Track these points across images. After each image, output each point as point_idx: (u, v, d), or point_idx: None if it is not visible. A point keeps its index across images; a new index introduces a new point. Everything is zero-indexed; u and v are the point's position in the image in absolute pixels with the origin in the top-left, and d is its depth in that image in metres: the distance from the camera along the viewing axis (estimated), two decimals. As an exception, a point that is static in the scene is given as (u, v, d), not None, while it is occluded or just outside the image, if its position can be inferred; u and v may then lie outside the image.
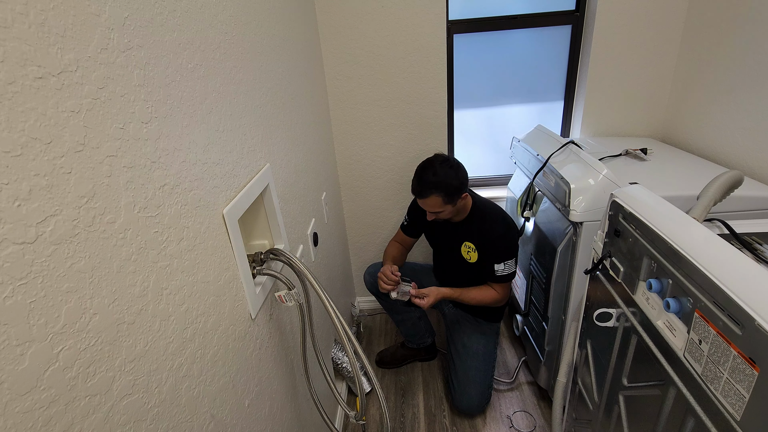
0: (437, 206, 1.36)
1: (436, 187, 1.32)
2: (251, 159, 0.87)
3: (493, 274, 1.47)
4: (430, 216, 1.43)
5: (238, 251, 0.77)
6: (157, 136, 0.55)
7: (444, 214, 1.41)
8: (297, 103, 1.27)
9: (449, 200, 1.35)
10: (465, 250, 1.53)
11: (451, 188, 1.33)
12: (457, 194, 1.36)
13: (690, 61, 1.65)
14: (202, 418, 0.64)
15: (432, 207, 1.37)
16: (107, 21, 0.47)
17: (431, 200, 1.34)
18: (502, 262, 1.45)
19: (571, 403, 1.25)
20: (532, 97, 1.94)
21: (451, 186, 1.33)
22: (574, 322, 1.21)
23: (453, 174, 1.34)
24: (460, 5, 1.76)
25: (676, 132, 1.76)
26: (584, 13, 1.75)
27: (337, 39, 1.70)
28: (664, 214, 0.80)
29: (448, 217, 1.44)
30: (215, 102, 0.72)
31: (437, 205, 1.35)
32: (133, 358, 0.49)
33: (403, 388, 1.81)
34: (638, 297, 0.85)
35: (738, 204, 1.15)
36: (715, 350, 0.63)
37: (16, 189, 0.35)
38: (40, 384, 0.37)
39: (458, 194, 1.37)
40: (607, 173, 1.23)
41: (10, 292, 0.35)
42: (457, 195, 1.36)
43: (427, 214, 1.43)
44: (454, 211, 1.43)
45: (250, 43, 0.90)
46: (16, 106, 0.36)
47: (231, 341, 0.74)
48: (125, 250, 0.48)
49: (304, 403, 1.14)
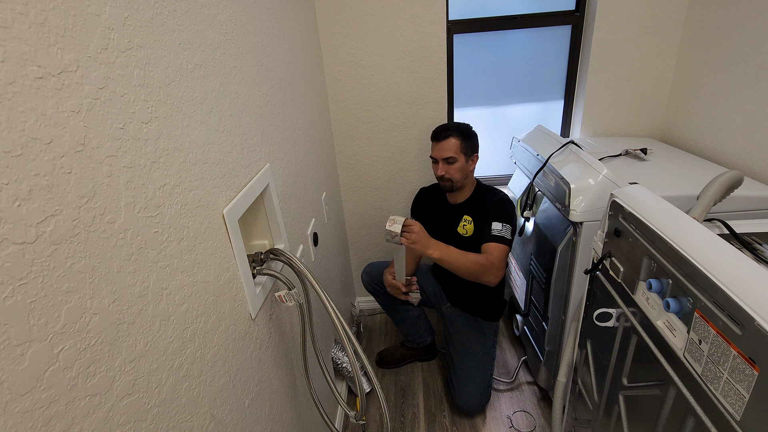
0: (454, 149, 1.46)
1: (456, 130, 1.47)
2: (251, 159, 0.87)
3: (489, 233, 1.41)
4: (442, 169, 1.49)
5: (238, 251, 0.77)
6: (157, 136, 0.55)
7: (456, 167, 1.47)
8: (297, 103, 1.27)
9: (465, 146, 1.47)
10: (461, 225, 1.55)
11: (469, 136, 1.49)
12: (471, 147, 1.50)
13: (690, 61, 1.65)
14: (202, 418, 0.64)
15: (449, 150, 1.46)
16: (107, 21, 0.47)
17: (450, 142, 1.46)
18: (500, 222, 1.42)
19: (571, 403, 1.25)
20: (532, 97, 1.94)
21: (468, 134, 1.49)
22: (574, 322, 1.21)
23: (471, 129, 1.52)
24: (460, 5, 1.76)
25: (676, 132, 1.76)
26: (584, 13, 1.75)
27: (337, 39, 1.70)
28: (664, 214, 0.80)
29: (456, 177, 1.49)
30: (215, 102, 0.72)
31: (454, 148, 1.46)
32: (133, 358, 0.49)
33: (403, 388, 1.81)
34: (638, 297, 0.85)
35: (738, 204, 1.15)
36: (715, 350, 0.63)
37: (16, 189, 0.35)
38: (40, 384, 0.37)
39: (472, 148, 1.50)
40: (607, 173, 1.23)
41: (10, 292, 0.35)
42: (471, 147, 1.49)
43: (440, 166, 1.49)
44: (463, 172, 1.49)
45: (250, 43, 0.90)
46: (17, 106, 0.36)
47: (231, 341, 0.74)
48: (125, 250, 0.48)
49: (304, 403, 1.14)
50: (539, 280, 1.54)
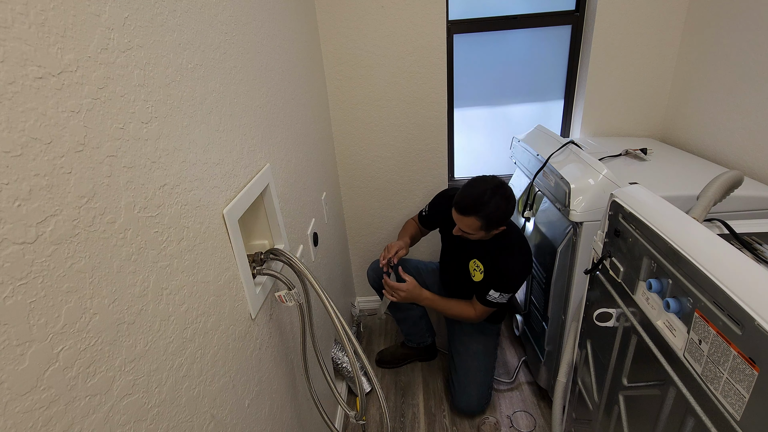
0: (472, 228, 1.29)
1: (480, 212, 1.25)
2: (251, 159, 0.87)
3: (484, 297, 1.42)
4: (457, 231, 1.36)
5: (238, 251, 0.77)
6: (157, 136, 0.55)
7: (473, 237, 1.35)
8: (297, 103, 1.27)
9: (486, 228, 1.29)
10: (472, 266, 1.49)
11: (495, 219, 1.26)
12: (497, 226, 1.30)
13: (690, 61, 1.65)
14: (202, 418, 0.64)
15: (466, 227, 1.30)
16: (107, 21, 0.47)
17: (469, 220, 1.27)
18: (500, 292, 1.40)
19: (571, 403, 1.25)
20: (532, 96, 1.94)
21: (495, 217, 1.26)
22: (574, 322, 1.21)
23: (504, 205, 1.26)
24: (460, 5, 1.76)
25: (676, 132, 1.76)
26: (584, 13, 1.75)
27: (337, 39, 1.70)
28: (664, 214, 0.80)
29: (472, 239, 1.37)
30: (215, 102, 0.72)
31: (472, 227, 1.28)
32: (134, 358, 0.49)
33: (403, 388, 1.81)
34: (638, 297, 0.85)
35: (738, 204, 1.15)
36: (714, 350, 0.63)
37: (16, 189, 0.35)
38: (40, 384, 0.37)
39: (498, 226, 1.31)
40: (607, 173, 1.23)
41: (10, 292, 0.35)
42: (496, 226, 1.30)
43: (455, 228, 1.36)
44: (481, 237, 1.36)
45: (250, 43, 0.90)
46: (17, 106, 0.36)
47: (231, 341, 0.74)
48: (125, 250, 0.48)
49: (304, 403, 1.14)
50: (539, 280, 1.54)
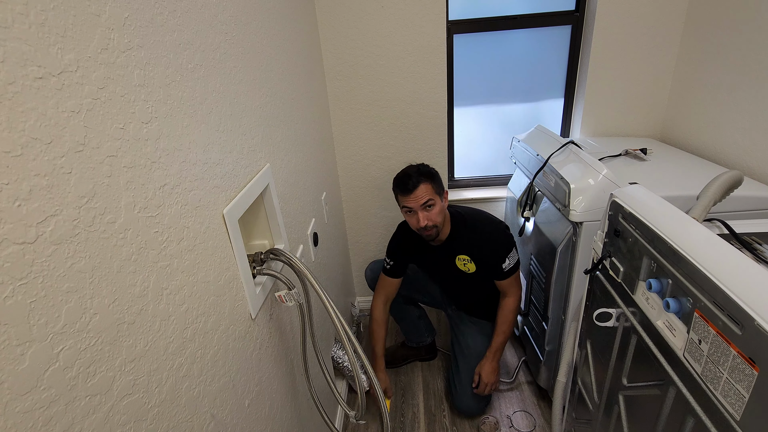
0: (429, 193, 1.38)
1: (421, 175, 1.39)
2: (251, 159, 0.87)
3: (501, 273, 1.48)
4: (423, 218, 1.38)
5: (238, 251, 0.77)
6: (157, 136, 0.55)
7: (436, 210, 1.39)
8: (297, 103, 1.27)
9: (438, 189, 1.40)
10: (461, 263, 1.53)
11: (437, 179, 1.42)
12: (440, 185, 1.43)
13: (690, 61, 1.65)
14: (202, 418, 0.64)
15: (424, 195, 1.37)
16: (107, 21, 0.47)
17: (423, 189, 1.37)
18: (505, 258, 1.46)
19: (571, 403, 1.25)
20: (532, 96, 1.94)
21: (432, 174, 1.41)
22: (574, 322, 1.21)
23: (430, 169, 1.44)
24: (460, 5, 1.76)
25: (675, 132, 1.76)
26: (584, 13, 1.75)
27: (337, 39, 1.70)
28: (663, 214, 0.80)
29: (438, 221, 1.41)
30: (215, 102, 0.72)
31: (429, 192, 1.38)
32: (134, 358, 0.49)
33: (403, 388, 1.81)
34: (638, 297, 0.85)
35: (738, 204, 1.15)
36: (714, 350, 0.63)
37: (16, 189, 0.35)
38: (41, 384, 0.37)
39: (442, 187, 1.44)
40: (606, 173, 1.23)
41: (11, 292, 0.35)
42: (440, 186, 1.43)
43: (420, 218, 1.38)
44: (442, 213, 1.43)
45: (250, 43, 0.90)
46: (17, 106, 0.36)
47: (231, 341, 0.74)
48: (125, 250, 0.48)
49: (304, 403, 1.14)
50: (539, 280, 1.54)
